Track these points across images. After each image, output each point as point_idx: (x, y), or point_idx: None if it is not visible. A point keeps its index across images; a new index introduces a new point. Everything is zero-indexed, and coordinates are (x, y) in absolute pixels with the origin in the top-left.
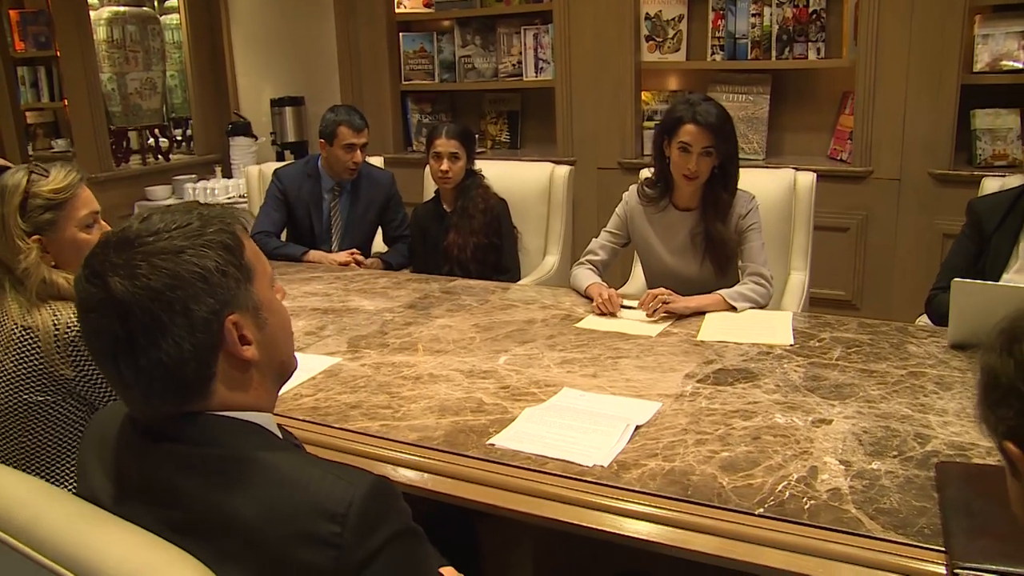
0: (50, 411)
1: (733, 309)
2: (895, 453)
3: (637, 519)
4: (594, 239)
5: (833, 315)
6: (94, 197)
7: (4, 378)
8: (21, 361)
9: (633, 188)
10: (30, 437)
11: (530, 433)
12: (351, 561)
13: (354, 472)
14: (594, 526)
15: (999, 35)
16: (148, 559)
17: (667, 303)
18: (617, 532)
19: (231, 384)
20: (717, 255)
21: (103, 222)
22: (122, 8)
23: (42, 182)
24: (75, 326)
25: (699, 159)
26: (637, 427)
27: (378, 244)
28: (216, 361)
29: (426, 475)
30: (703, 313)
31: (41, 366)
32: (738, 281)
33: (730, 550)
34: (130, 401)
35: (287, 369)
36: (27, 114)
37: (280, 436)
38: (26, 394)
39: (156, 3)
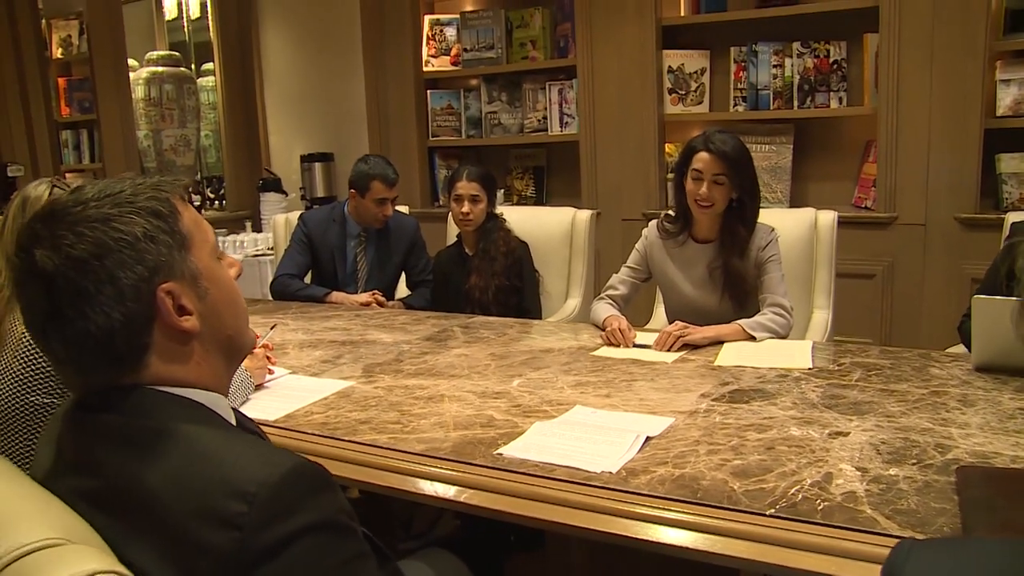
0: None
1: (752, 339)
2: (914, 461)
3: (646, 522)
4: (614, 275)
5: (855, 343)
6: None
7: (12, 379)
8: (28, 363)
9: (653, 223)
10: (36, 438)
11: (539, 444)
12: (253, 546)
13: (280, 453)
14: (601, 529)
15: (1021, 79)
16: (38, 532)
17: (684, 336)
18: (625, 535)
19: (169, 356)
20: (735, 289)
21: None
22: (160, 68)
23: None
24: None
25: (711, 186)
26: (648, 438)
27: (402, 289)
28: (150, 332)
29: (433, 484)
30: (721, 342)
31: (48, 368)
32: (758, 313)
33: (740, 550)
34: (65, 375)
35: (236, 345)
36: (67, 175)
37: (229, 420)
38: (33, 396)
39: (194, 66)
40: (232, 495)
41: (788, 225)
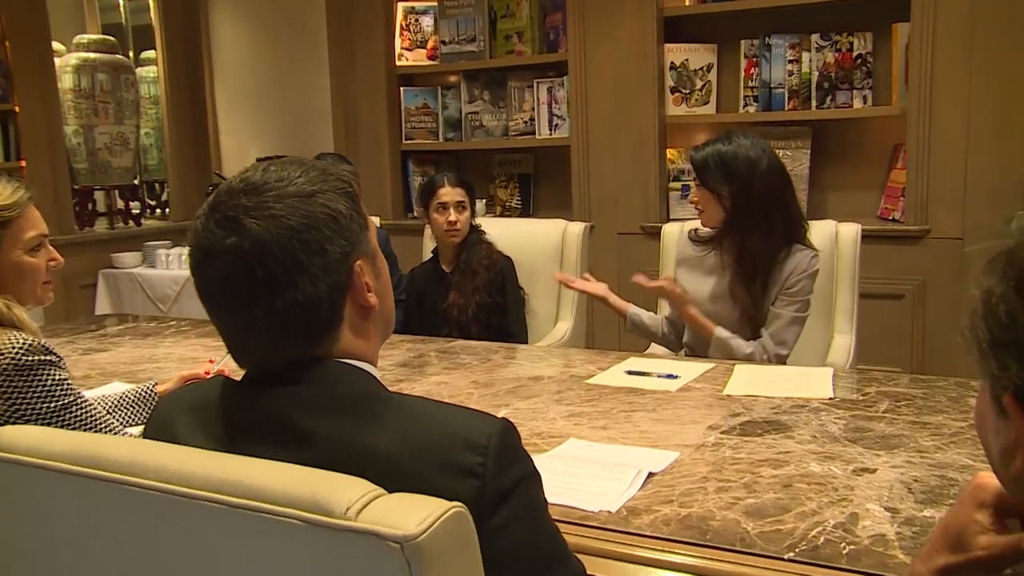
0: None
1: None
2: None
3: (649, 566)
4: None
5: (882, 371)
6: (42, 219)
7: None
8: None
9: (687, 232)
10: None
11: None
12: (492, 492)
13: (483, 413)
14: (600, 575)
15: None
16: (310, 479)
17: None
18: None
19: (356, 330)
20: (752, 320)
21: (51, 247)
22: (92, 55)
23: None
24: (11, 353)
25: (696, 190)
26: (651, 474)
27: None
28: (345, 305)
29: None
30: (730, 367)
31: None
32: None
33: None
34: (252, 349)
35: (390, 324)
36: None
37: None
38: None
39: (132, 53)
40: (468, 447)
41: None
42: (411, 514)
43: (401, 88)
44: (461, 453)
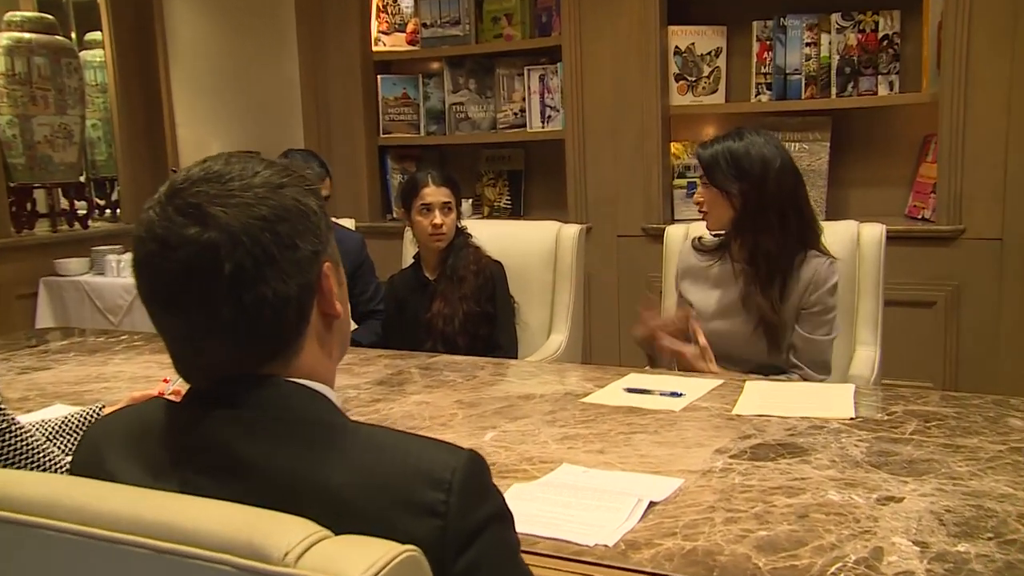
0: None
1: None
2: (990, 535)
3: None
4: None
5: (909, 387)
6: None
7: None
8: None
9: (689, 241)
10: None
11: (518, 512)
12: (456, 533)
13: (448, 443)
14: None
15: None
16: (248, 520)
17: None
18: None
19: (320, 340)
20: (770, 329)
21: None
22: (27, 35)
23: None
24: None
25: (703, 189)
26: (652, 503)
27: None
28: (312, 309)
29: None
30: (740, 383)
31: None
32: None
33: None
34: (207, 357)
35: (347, 342)
36: None
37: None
38: None
39: (75, 35)
40: (429, 483)
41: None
42: (358, 559)
43: (378, 76)
44: (421, 489)
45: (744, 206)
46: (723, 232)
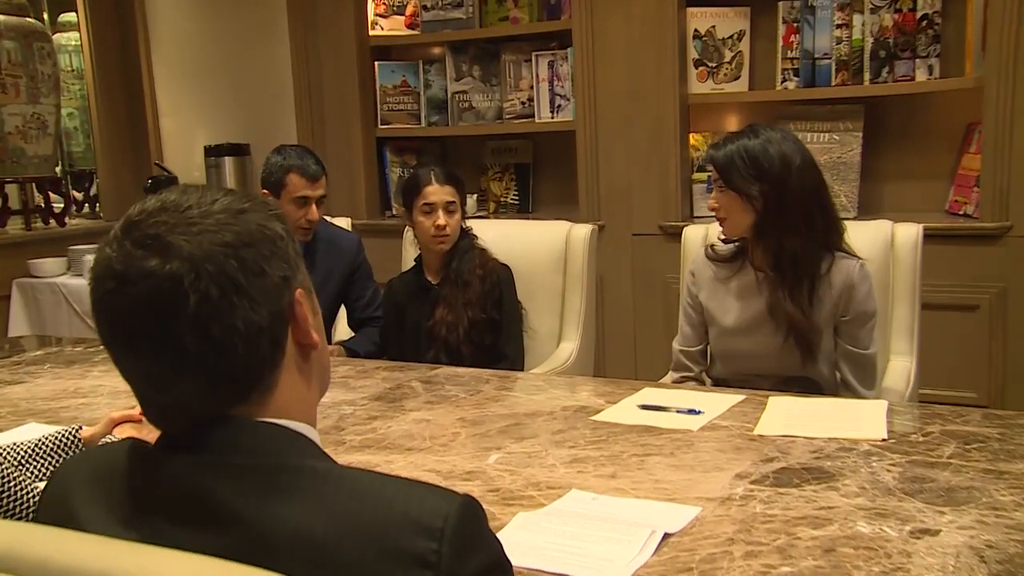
0: None
1: None
2: None
3: None
4: (675, 341)
5: (947, 406)
6: None
7: None
8: None
9: (702, 250)
10: None
11: (523, 543)
12: None
13: (440, 488)
14: None
15: None
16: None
17: None
18: None
19: (299, 371)
20: (802, 337)
21: None
22: None
23: None
24: None
25: (718, 194)
26: (666, 535)
27: (342, 328)
28: (287, 340)
29: None
30: (763, 399)
31: None
32: (831, 371)
33: None
34: (175, 399)
35: (328, 374)
36: None
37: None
38: None
39: (47, 16)
40: (419, 532)
41: (852, 243)
42: None
43: (375, 63)
44: (411, 538)
45: (765, 208)
46: (739, 239)
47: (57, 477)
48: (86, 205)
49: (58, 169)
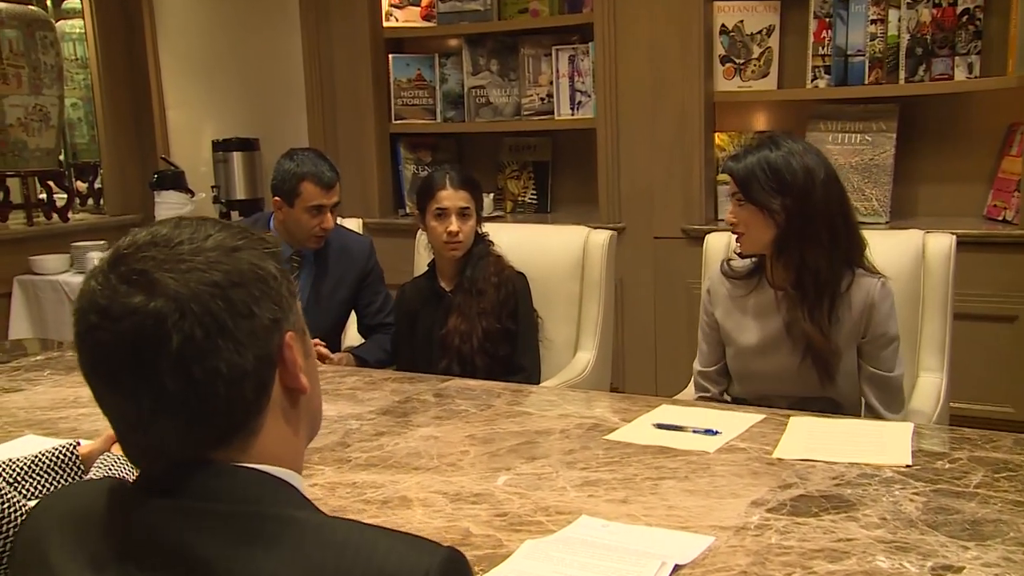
0: None
1: None
2: None
3: None
4: (696, 362)
5: (977, 429)
6: None
7: None
8: None
9: (717, 266)
10: None
11: (530, 574)
12: None
13: (423, 541)
14: None
15: None
16: None
17: None
18: None
19: (285, 417)
20: (820, 358)
21: None
22: None
23: None
24: None
25: (736, 208)
26: (677, 567)
27: (352, 335)
28: (273, 384)
29: None
30: (783, 419)
31: None
32: (851, 389)
33: None
34: (154, 440)
35: (318, 421)
36: None
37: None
38: None
39: (50, 4)
40: None
41: (885, 255)
42: None
43: (389, 55)
44: None
45: (787, 223)
46: (757, 255)
47: (32, 519)
48: (90, 199)
49: (61, 158)
